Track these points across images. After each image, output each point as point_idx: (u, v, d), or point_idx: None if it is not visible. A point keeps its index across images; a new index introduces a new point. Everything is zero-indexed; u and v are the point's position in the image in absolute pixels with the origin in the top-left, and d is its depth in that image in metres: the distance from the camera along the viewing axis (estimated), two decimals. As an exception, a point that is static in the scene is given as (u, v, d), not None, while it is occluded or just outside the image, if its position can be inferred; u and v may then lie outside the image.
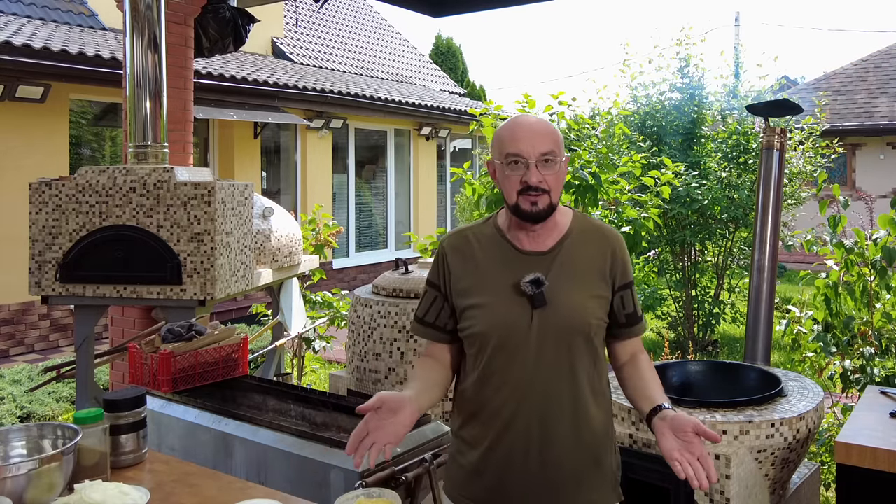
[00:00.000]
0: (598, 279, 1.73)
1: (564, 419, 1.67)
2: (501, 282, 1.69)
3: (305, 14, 14.39)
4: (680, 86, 7.25)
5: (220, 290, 3.55)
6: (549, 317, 1.66)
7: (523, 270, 1.68)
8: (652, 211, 4.30)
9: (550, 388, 1.66)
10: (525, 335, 1.66)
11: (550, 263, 1.70)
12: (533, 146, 1.65)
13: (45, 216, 3.61)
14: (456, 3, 5.41)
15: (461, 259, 1.76)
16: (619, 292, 1.75)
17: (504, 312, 1.67)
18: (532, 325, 1.66)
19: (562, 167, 1.70)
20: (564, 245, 1.73)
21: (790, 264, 12.75)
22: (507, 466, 1.67)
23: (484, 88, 20.55)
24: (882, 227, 3.73)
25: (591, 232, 1.77)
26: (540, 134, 1.66)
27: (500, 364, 1.68)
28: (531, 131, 1.67)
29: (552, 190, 1.67)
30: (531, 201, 1.65)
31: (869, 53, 15.51)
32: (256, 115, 9.35)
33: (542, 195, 1.65)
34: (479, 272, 1.73)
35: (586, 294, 1.70)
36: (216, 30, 4.79)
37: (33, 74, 7.09)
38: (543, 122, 1.71)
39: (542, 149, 1.65)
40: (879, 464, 2.09)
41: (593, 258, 1.73)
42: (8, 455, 1.68)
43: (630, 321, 1.78)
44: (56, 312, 7.60)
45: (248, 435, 2.32)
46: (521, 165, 1.65)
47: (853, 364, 3.67)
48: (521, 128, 1.68)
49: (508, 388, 1.67)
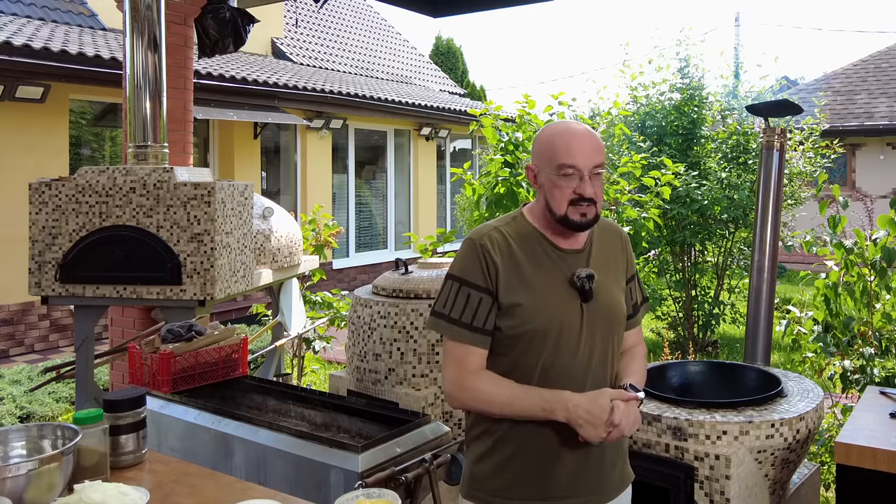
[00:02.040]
0: (621, 273, 1.86)
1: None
2: (549, 278, 1.73)
3: (305, 14, 14.39)
4: (680, 86, 7.25)
5: (220, 290, 3.55)
6: (596, 310, 1.75)
7: (567, 267, 1.75)
8: (652, 211, 4.30)
9: (598, 376, 1.76)
10: (578, 328, 1.73)
11: (587, 259, 1.79)
12: (588, 159, 1.70)
13: (45, 216, 3.61)
14: (456, 3, 5.41)
15: (504, 256, 1.73)
16: (629, 283, 1.89)
17: (559, 309, 1.72)
18: (583, 318, 1.73)
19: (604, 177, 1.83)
20: (594, 242, 1.83)
21: (790, 264, 12.75)
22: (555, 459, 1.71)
23: (484, 89, 20.55)
24: (882, 227, 3.73)
25: (606, 229, 1.88)
26: (594, 147, 1.72)
27: (555, 359, 1.71)
28: (587, 144, 1.72)
29: (599, 200, 1.74)
30: (581, 213, 1.71)
31: (869, 54, 15.51)
32: (256, 116, 9.35)
33: (592, 206, 1.72)
34: (523, 270, 1.72)
35: (618, 287, 1.83)
36: (216, 30, 4.79)
37: (33, 74, 7.09)
38: (594, 134, 1.76)
39: (596, 161, 1.72)
40: (879, 464, 2.09)
41: (615, 253, 1.86)
42: (8, 455, 1.68)
43: (635, 310, 1.92)
44: (56, 313, 7.60)
45: (248, 435, 2.32)
46: (575, 177, 1.70)
47: (853, 364, 3.67)
48: (577, 140, 1.72)
49: (566, 380, 1.71)
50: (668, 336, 7.17)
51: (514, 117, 4.68)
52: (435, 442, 2.24)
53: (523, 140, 4.38)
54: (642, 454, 2.54)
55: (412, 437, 2.21)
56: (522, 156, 4.35)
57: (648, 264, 7.04)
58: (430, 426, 2.29)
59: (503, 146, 4.36)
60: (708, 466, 2.40)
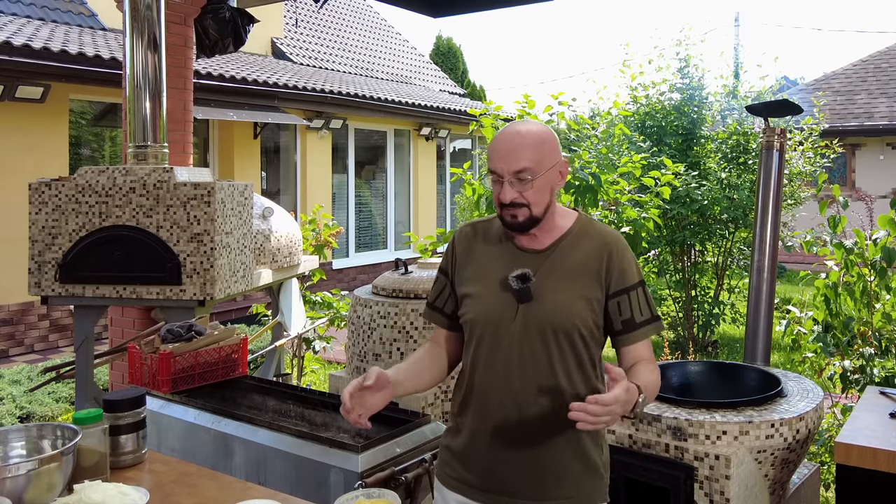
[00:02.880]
0: (590, 281, 1.72)
1: (543, 413, 1.69)
2: (496, 275, 1.75)
3: (305, 14, 14.39)
4: (680, 86, 7.25)
5: (220, 290, 3.55)
6: (534, 312, 1.70)
7: (517, 266, 1.73)
8: (652, 211, 4.30)
9: (529, 381, 1.70)
10: (508, 327, 1.71)
11: (543, 261, 1.74)
12: (507, 164, 1.67)
13: (44, 216, 3.61)
14: (456, 3, 5.41)
15: (467, 249, 1.84)
16: (615, 297, 1.73)
17: (493, 304, 1.73)
18: (516, 318, 1.71)
19: (544, 179, 1.70)
20: (560, 245, 1.76)
21: (790, 264, 12.75)
22: (491, 453, 1.72)
23: (484, 89, 20.56)
24: (882, 227, 3.73)
25: (590, 235, 1.78)
26: (515, 151, 1.67)
27: (485, 353, 1.74)
28: (507, 149, 1.68)
29: (531, 203, 1.69)
30: (511, 214, 1.71)
31: (869, 54, 15.51)
32: (256, 116, 9.35)
33: (521, 209, 1.69)
34: (480, 264, 1.80)
35: (575, 294, 1.71)
36: (216, 30, 4.79)
37: (33, 74, 7.09)
38: (522, 136, 1.70)
39: (516, 167, 1.67)
40: (879, 464, 2.09)
41: (587, 260, 1.74)
42: (7, 455, 1.68)
43: (628, 327, 1.74)
44: (56, 313, 7.60)
45: (248, 435, 2.32)
46: (498, 182, 1.70)
47: (853, 364, 3.67)
48: (499, 145, 1.70)
49: (491, 377, 1.73)
50: (668, 336, 7.18)
51: (514, 117, 4.69)
52: (435, 442, 2.23)
53: (523, 140, 4.39)
54: (642, 454, 2.54)
55: (412, 437, 2.21)
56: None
57: (648, 264, 7.05)
58: (429, 426, 2.29)
59: (503, 146, 4.36)
60: (708, 466, 2.40)
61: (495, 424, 1.72)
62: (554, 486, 1.70)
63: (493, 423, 1.72)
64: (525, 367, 1.70)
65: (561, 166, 1.75)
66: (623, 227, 4.29)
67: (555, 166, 1.73)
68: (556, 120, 4.81)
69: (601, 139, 5.55)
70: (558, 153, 1.76)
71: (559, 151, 1.76)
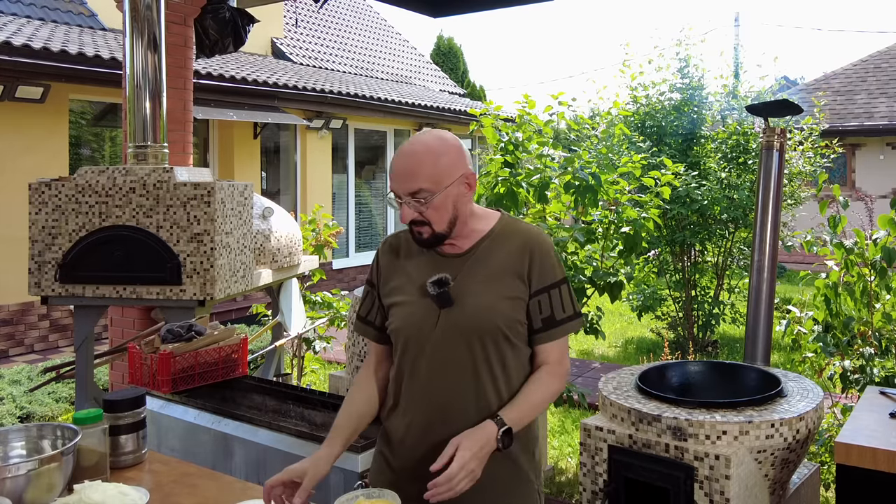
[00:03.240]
0: (513, 280, 1.71)
1: (468, 418, 1.67)
2: (418, 283, 1.73)
3: (305, 14, 14.39)
4: (680, 86, 7.25)
5: (220, 290, 3.55)
6: (456, 317, 1.68)
7: (438, 272, 1.71)
8: (652, 211, 4.29)
9: (453, 386, 1.68)
10: (430, 334, 1.70)
11: (463, 265, 1.72)
12: (401, 185, 1.65)
13: (44, 216, 3.61)
14: (456, 3, 5.41)
15: (392, 260, 1.82)
16: (537, 296, 1.72)
17: (414, 311, 1.72)
18: (438, 324, 1.69)
19: (444, 196, 1.65)
20: (481, 247, 1.74)
21: (790, 264, 12.75)
22: (417, 460, 1.70)
23: (484, 89, 20.56)
24: (882, 227, 3.73)
25: (512, 234, 1.76)
26: (409, 172, 1.64)
27: (410, 360, 1.73)
28: (402, 169, 1.65)
29: (432, 222, 1.66)
30: (416, 231, 1.69)
31: (869, 54, 15.51)
32: (256, 116, 9.35)
33: (423, 226, 1.67)
34: (404, 273, 1.78)
35: (498, 295, 1.69)
36: (216, 30, 4.79)
37: (33, 74, 7.09)
38: (417, 154, 1.65)
39: (411, 188, 1.64)
40: (879, 464, 2.09)
41: (509, 259, 1.72)
42: (7, 455, 1.68)
43: (548, 324, 1.73)
44: (56, 313, 7.60)
45: (248, 435, 2.32)
46: (398, 202, 1.68)
47: (853, 364, 3.67)
48: (395, 163, 1.67)
49: (415, 384, 1.72)
50: (668, 336, 7.18)
51: (513, 117, 4.68)
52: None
53: (523, 140, 4.38)
54: (642, 454, 2.54)
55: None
56: (522, 156, 4.36)
57: (648, 264, 7.05)
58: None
59: (503, 146, 4.36)
60: (708, 466, 2.40)
61: (422, 431, 1.70)
62: (482, 491, 1.66)
63: (420, 430, 1.71)
64: (448, 372, 1.68)
65: (467, 178, 1.69)
66: (623, 227, 4.28)
67: (457, 180, 1.67)
68: (556, 120, 4.80)
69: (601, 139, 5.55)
70: (462, 165, 1.68)
71: (463, 163, 1.69)
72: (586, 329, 4.46)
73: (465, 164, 1.70)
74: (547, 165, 4.27)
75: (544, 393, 1.72)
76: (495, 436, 1.59)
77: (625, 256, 4.33)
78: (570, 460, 4.51)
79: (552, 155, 4.41)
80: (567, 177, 4.15)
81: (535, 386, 1.71)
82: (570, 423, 5.13)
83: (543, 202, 4.28)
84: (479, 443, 1.57)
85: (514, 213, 4.25)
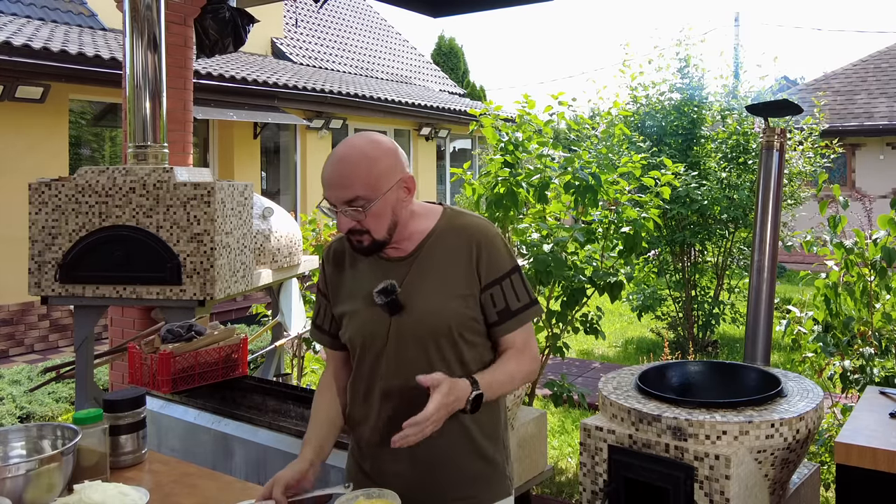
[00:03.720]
0: (461, 276, 1.66)
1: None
2: (366, 290, 1.67)
3: (305, 14, 14.39)
4: (680, 86, 7.25)
5: (220, 290, 3.55)
6: (407, 321, 1.65)
7: (385, 277, 1.66)
8: (652, 211, 4.29)
9: (411, 389, 1.62)
10: (383, 341, 1.66)
11: (409, 268, 1.67)
12: (335, 194, 1.58)
13: (44, 216, 3.61)
14: (456, 4, 5.41)
15: (337, 267, 1.77)
16: (488, 289, 1.67)
17: (366, 319, 1.68)
18: (390, 330, 1.66)
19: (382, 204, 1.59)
20: (425, 248, 1.69)
21: (790, 264, 12.75)
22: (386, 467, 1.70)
23: (484, 89, 20.57)
24: (882, 227, 3.73)
25: (456, 230, 1.70)
26: (343, 180, 1.56)
27: (366, 370, 1.71)
28: (335, 177, 1.57)
29: (371, 230, 1.60)
30: (355, 241, 1.63)
31: (869, 54, 15.51)
32: (256, 116, 9.35)
33: (362, 235, 1.61)
34: (350, 280, 1.74)
35: (447, 294, 1.65)
36: (216, 30, 4.79)
37: (33, 74, 7.09)
38: (351, 161, 1.57)
39: (346, 196, 1.57)
40: (879, 464, 2.09)
41: (456, 256, 1.67)
42: (7, 455, 1.68)
43: (504, 316, 1.69)
44: (56, 313, 7.60)
45: (248, 435, 2.32)
46: (332, 212, 1.61)
47: (853, 364, 3.68)
48: (327, 170, 1.59)
49: (373, 393, 1.70)
50: (668, 336, 7.18)
51: (513, 117, 4.68)
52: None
53: (523, 140, 4.38)
54: (642, 454, 2.54)
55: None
56: (522, 156, 4.35)
57: (648, 264, 7.05)
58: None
59: (503, 146, 4.35)
60: (708, 466, 2.40)
61: (385, 437, 1.67)
62: (453, 488, 1.67)
63: (382, 436, 1.67)
64: (405, 377, 1.64)
65: (405, 182, 1.63)
66: (623, 227, 4.28)
67: (394, 186, 1.61)
68: (556, 120, 4.80)
69: (601, 139, 5.55)
70: (399, 168, 1.62)
71: (401, 166, 1.63)
72: (586, 329, 4.46)
73: (403, 168, 1.63)
74: (547, 165, 4.26)
75: (515, 368, 1.69)
76: (467, 395, 1.57)
77: (625, 256, 4.33)
78: (570, 460, 4.51)
79: (552, 155, 4.41)
80: (567, 177, 4.15)
81: (507, 360, 1.69)
82: (570, 423, 5.13)
83: (543, 202, 4.28)
84: (454, 394, 1.54)
85: (514, 213, 4.26)
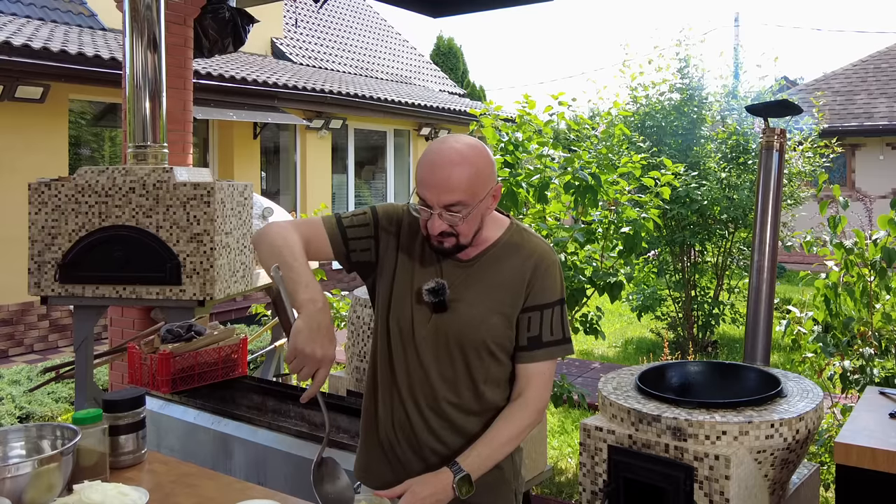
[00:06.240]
0: (510, 294, 1.67)
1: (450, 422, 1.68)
2: (416, 281, 1.68)
3: (305, 14, 14.39)
4: (680, 86, 7.26)
5: (220, 290, 3.55)
6: (446, 323, 1.66)
7: (437, 275, 1.67)
8: (652, 211, 4.29)
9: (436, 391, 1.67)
10: (420, 335, 1.67)
11: (464, 273, 1.68)
12: (438, 195, 1.56)
13: (44, 216, 3.61)
14: (456, 4, 5.41)
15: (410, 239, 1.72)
16: (528, 312, 1.67)
17: (407, 310, 1.68)
18: (428, 326, 1.67)
19: (478, 211, 1.60)
20: (485, 257, 1.69)
21: (790, 265, 12.75)
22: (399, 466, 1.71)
23: (484, 89, 20.58)
24: (881, 227, 3.73)
25: (518, 247, 1.70)
26: (449, 182, 1.55)
27: (398, 359, 1.70)
28: (441, 178, 1.55)
29: (461, 234, 1.60)
30: (438, 241, 1.62)
31: (869, 54, 15.52)
32: (256, 116, 9.35)
33: (449, 238, 1.60)
34: (407, 260, 1.71)
35: (491, 308, 1.66)
36: (216, 30, 4.79)
37: (33, 74, 7.09)
38: (458, 165, 1.55)
39: (448, 200, 1.56)
40: (879, 464, 2.09)
41: (511, 273, 1.67)
42: (7, 455, 1.68)
43: (533, 345, 1.68)
44: (55, 313, 7.60)
45: (248, 435, 2.32)
46: (427, 211, 1.59)
47: (853, 364, 3.67)
48: (432, 169, 1.57)
49: (396, 387, 1.70)
50: (667, 336, 7.18)
51: (513, 117, 4.68)
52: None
53: (523, 140, 4.38)
54: (642, 454, 2.54)
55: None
56: (522, 156, 4.35)
57: (648, 264, 7.05)
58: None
59: (503, 146, 4.35)
60: (707, 467, 2.40)
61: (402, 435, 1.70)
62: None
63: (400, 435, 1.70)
64: (431, 377, 1.67)
65: (495, 191, 1.64)
66: (623, 227, 4.28)
67: (488, 194, 1.62)
68: (556, 120, 4.80)
69: (601, 139, 5.54)
70: (494, 177, 1.63)
71: (495, 175, 1.64)
72: (586, 329, 4.46)
73: (496, 176, 1.64)
74: (547, 165, 4.26)
75: (511, 432, 1.66)
76: (450, 484, 1.57)
77: (625, 256, 4.33)
78: (569, 460, 4.51)
79: (552, 155, 4.41)
80: (567, 177, 4.15)
81: (503, 424, 1.66)
82: (570, 424, 5.13)
83: (543, 202, 4.28)
84: (429, 488, 1.56)
85: (514, 213, 4.25)
